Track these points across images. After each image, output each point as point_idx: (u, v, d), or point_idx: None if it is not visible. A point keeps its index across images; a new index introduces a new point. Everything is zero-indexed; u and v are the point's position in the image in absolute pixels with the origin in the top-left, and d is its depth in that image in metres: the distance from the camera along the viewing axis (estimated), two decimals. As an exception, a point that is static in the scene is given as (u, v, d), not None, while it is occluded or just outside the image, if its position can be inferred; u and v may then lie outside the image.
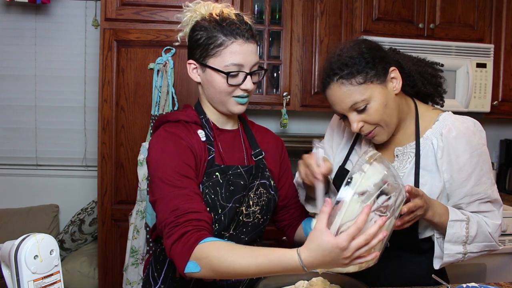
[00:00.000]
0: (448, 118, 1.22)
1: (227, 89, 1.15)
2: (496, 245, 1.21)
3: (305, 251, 0.87)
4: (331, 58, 1.17)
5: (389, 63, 1.18)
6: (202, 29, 1.15)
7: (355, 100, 1.13)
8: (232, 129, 1.28)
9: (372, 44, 1.18)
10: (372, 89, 1.13)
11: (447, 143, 1.18)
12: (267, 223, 1.29)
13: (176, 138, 1.15)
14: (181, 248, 0.98)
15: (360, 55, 1.13)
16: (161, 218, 1.04)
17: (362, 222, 0.84)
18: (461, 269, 2.31)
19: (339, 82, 1.13)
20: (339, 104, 1.16)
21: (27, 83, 2.93)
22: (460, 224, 1.14)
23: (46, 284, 0.85)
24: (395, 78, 1.18)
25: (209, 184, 1.15)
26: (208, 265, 0.95)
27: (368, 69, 1.13)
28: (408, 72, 1.24)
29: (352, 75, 1.12)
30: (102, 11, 2.24)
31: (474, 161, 1.17)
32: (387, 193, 0.91)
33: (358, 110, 1.14)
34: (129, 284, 2.18)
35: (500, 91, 2.69)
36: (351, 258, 0.86)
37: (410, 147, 1.24)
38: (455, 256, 1.16)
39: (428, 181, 1.18)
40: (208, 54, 1.14)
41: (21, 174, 2.98)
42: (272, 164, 1.32)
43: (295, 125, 2.86)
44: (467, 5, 2.60)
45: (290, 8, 2.47)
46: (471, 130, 1.19)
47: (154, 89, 2.20)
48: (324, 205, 0.87)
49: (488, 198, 1.19)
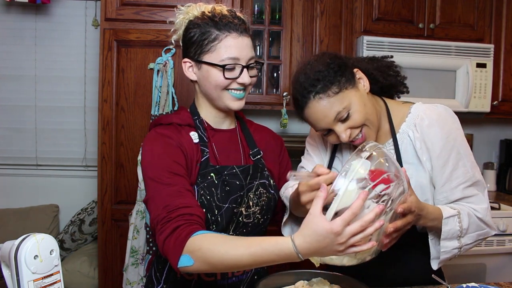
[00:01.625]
0: (419, 108, 1.24)
1: (224, 82, 1.14)
2: (488, 230, 1.20)
3: (299, 237, 0.86)
4: (299, 78, 1.17)
5: (351, 67, 1.19)
6: (195, 26, 1.16)
7: (337, 110, 1.13)
8: (229, 129, 1.28)
9: (331, 54, 1.19)
10: (348, 95, 1.14)
11: (422, 132, 1.19)
12: (268, 223, 1.29)
13: (164, 138, 1.16)
14: (174, 242, 0.97)
15: (327, 67, 1.14)
16: (154, 215, 1.04)
17: (357, 207, 0.83)
18: (461, 269, 2.31)
19: (316, 98, 1.13)
20: (322, 120, 1.15)
21: (27, 83, 2.93)
22: (453, 219, 1.14)
23: (46, 284, 0.85)
24: (361, 78, 1.20)
25: (204, 185, 1.15)
26: (202, 257, 0.93)
27: (339, 77, 1.14)
28: (367, 70, 1.25)
29: (326, 87, 1.12)
30: (102, 11, 2.24)
31: (449, 146, 1.18)
32: (386, 182, 0.91)
33: (342, 120, 1.14)
34: (129, 284, 2.18)
35: (500, 91, 2.69)
36: (346, 244, 0.84)
37: (389, 145, 1.24)
38: (452, 252, 1.16)
39: (413, 174, 1.19)
40: (203, 51, 1.15)
41: (21, 174, 2.98)
42: (271, 163, 1.32)
43: (295, 125, 2.86)
44: (467, 5, 2.60)
45: (290, 8, 2.47)
46: (442, 115, 1.20)
47: (154, 89, 2.20)
48: (320, 190, 0.87)
49: (470, 181, 1.19)
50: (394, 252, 1.10)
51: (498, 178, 2.99)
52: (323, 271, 1.18)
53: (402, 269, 1.26)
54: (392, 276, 1.26)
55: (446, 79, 2.54)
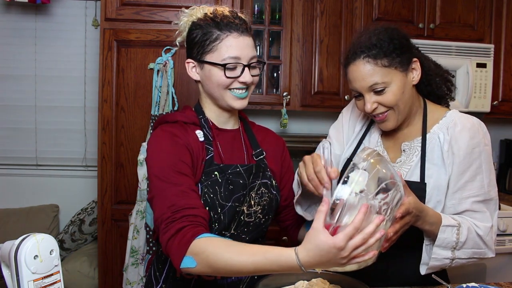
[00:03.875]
0: (454, 114, 1.25)
1: (226, 81, 1.15)
2: (486, 251, 1.18)
3: (302, 251, 0.87)
4: (362, 37, 1.20)
5: (414, 55, 1.22)
6: (198, 27, 1.18)
7: (376, 81, 1.16)
8: (233, 129, 1.28)
9: (402, 33, 1.22)
10: (394, 74, 1.17)
11: (452, 136, 1.20)
12: (269, 222, 1.29)
13: (171, 136, 1.16)
14: (178, 243, 0.97)
15: (390, 40, 1.17)
16: (158, 214, 1.05)
17: (359, 221, 0.83)
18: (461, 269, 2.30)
19: (365, 60, 1.16)
20: (359, 81, 1.18)
21: (27, 83, 2.93)
22: (451, 229, 1.13)
23: (46, 284, 0.85)
24: (415, 70, 1.22)
25: (208, 183, 1.15)
26: (205, 260, 0.94)
27: (395, 54, 1.16)
28: (428, 70, 1.28)
29: (379, 56, 1.16)
30: (102, 11, 2.24)
31: (473, 157, 1.18)
32: (385, 191, 0.91)
33: (375, 91, 1.17)
34: (129, 284, 2.18)
35: (500, 91, 2.69)
36: (348, 257, 0.85)
37: (417, 142, 1.26)
38: (442, 261, 1.15)
39: (434, 174, 1.20)
40: (204, 51, 1.16)
41: (21, 174, 2.98)
42: (273, 164, 1.32)
43: (295, 125, 2.86)
44: (467, 5, 2.60)
45: (290, 8, 2.47)
46: (476, 127, 1.21)
47: (154, 89, 2.20)
48: (321, 204, 0.87)
49: (482, 197, 1.18)
50: (394, 252, 1.10)
51: (498, 178, 2.98)
52: (323, 271, 1.18)
53: (402, 269, 1.26)
54: (392, 276, 1.26)
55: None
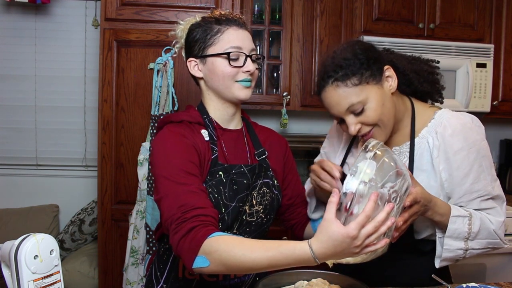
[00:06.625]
0: (444, 115, 1.20)
1: (231, 71, 1.17)
2: (500, 242, 1.18)
3: (316, 243, 0.87)
4: (326, 61, 1.16)
5: (383, 63, 1.16)
6: (198, 27, 1.21)
7: (351, 102, 1.11)
8: (236, 129, 1.28)
9: (365, 45, 1.17)
10: (368, 90, 1.12)
11: (443, 141, 1.16)
12: (270, 222, 1.29)
13: (179, 136, 1.16)
14: (189, 243, 0.97)
15: (354, 56, 1.12)
16: (168, 215, 1.04)
17: (370, 209, 0.84)
18: (461, 269, 2.31)
19: (334, 84, 1.12)
20: (335, 107, 1.14)
21: (27, 83, 2.93)
22: (462, 219, 1.12)
23: (46, 284, 0.85)
24: (390, 77, 1.17)
25: (212, 183, 1.15)
26: (218, 259, 0.94)
27: (363, 70, 1.11)
28: (403, 71, 1.23)
29: (347, 76, 1.10)
30: (102, 11, 2.24)
31: (472, 157, 1.15)
32: (393, 180, 0.92)
33: (355, 112, 1.13)
34: (129, 284, 2.18)
35: (500, 91, 2.69)
36: (361, 246, 0.86)
37: (406, 147, 1.23)
38: (455, 252, 1.14)
39: (423, 181, 1.16)
40: (206, 45, 1.19)
41: (21, 174, 2.98)
42: (275, 163, 1.32)
43: (295, 125, 2.86)
44: (467, 5, 2.60)
45: (290, 8, 2.47)
46: (467, 126, 1.17)
47: (154, 89, 2.20)
48: (332, 195, 0.87)
49: (489, 195, 1.18)
50: (394, 252, 1.10)
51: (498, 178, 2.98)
52: (323, 271, 1.18)
53: (402, 269, 1.26)
54: (392, 276, 1.26)
55: (446, 79, 2.49)
